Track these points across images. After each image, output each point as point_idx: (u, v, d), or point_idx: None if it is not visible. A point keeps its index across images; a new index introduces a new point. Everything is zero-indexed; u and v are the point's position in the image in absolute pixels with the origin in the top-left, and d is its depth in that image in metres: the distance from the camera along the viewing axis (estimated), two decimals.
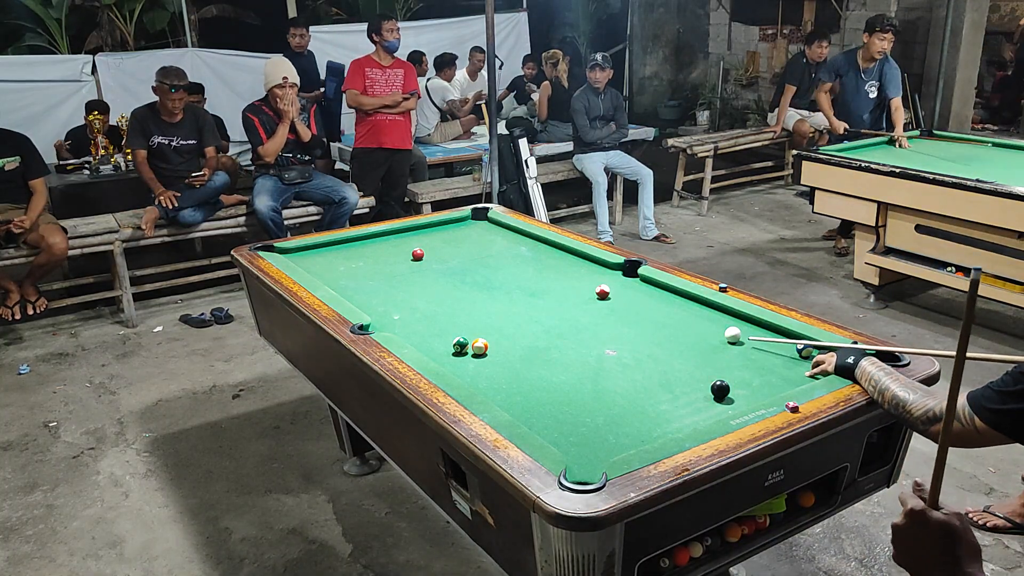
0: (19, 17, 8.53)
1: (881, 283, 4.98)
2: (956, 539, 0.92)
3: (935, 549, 0.92)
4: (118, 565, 2.87)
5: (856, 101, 5.90)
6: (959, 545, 0.92)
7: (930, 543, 0.93)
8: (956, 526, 0.92)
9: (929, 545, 0.93)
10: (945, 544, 0.92)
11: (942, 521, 0.93)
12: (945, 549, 0.92)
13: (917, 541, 0.95)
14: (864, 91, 5.87)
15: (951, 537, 0.92)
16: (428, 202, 6.12)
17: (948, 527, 0.93)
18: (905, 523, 0.96)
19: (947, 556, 0.91)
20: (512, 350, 2.40)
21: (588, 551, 1.61)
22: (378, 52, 5.80)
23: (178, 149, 5.06)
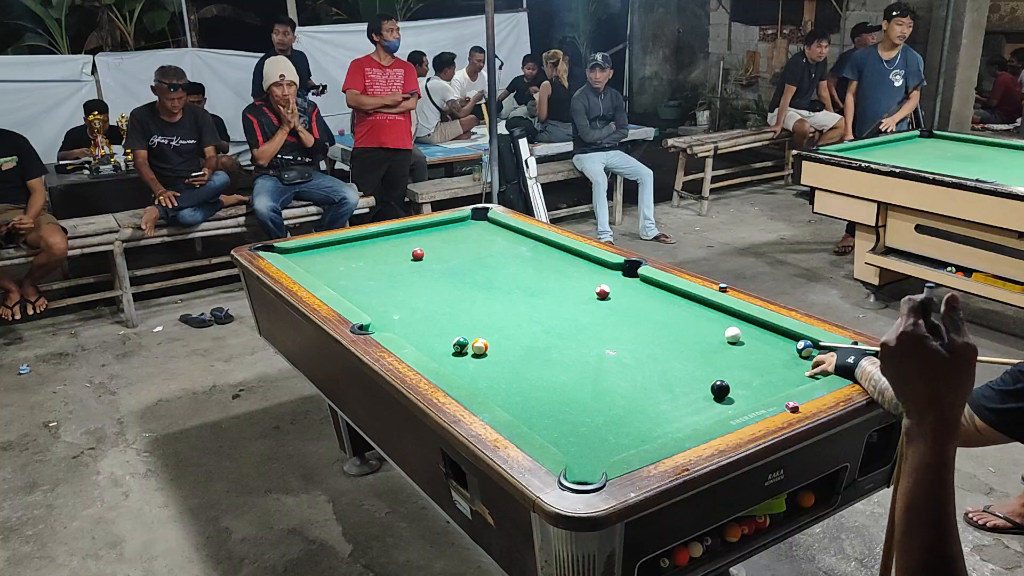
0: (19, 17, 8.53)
1: (881, 283, 4.98)
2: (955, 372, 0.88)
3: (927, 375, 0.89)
4: (118, 565, 2.87)
5: (881, 92, 5.86)
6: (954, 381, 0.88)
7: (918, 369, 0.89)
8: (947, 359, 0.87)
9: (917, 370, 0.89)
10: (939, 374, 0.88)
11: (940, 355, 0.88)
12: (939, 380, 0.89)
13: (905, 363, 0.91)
14: (889, 80, 5.83)
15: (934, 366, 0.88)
16: (428, 202, 6.12)
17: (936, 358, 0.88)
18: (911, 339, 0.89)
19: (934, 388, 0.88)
20: (512, 350, 2.40)
21: (588, 551, 1.61)
22: (378, 52, 5.80)
23: (178, 149, 5.06)
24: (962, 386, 0.89)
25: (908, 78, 5.87)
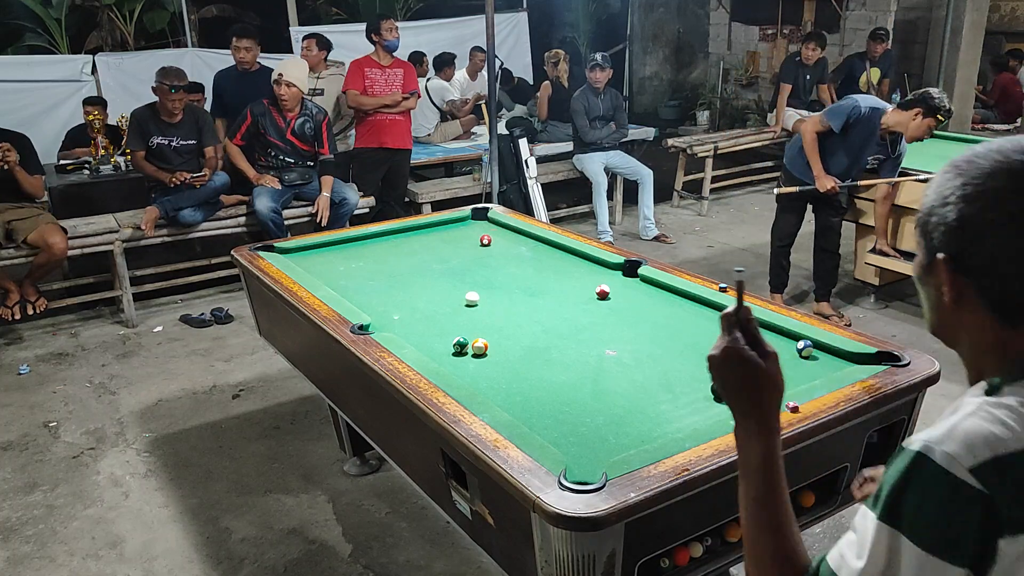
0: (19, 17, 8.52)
1: (881, 283, 4.98)
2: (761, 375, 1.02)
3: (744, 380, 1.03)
4: (118, 565, 2.87)
5: (847, 163, 4.51)
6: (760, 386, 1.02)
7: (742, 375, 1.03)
8: (760, 367, 1.02)
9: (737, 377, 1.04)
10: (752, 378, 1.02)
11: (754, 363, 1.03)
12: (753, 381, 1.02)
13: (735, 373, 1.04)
14: (864, 161, 4.54)
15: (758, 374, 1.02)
16: (428, 202, 6.12)
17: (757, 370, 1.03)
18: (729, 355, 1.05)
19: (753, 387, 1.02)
20: (512, 350, 2.40)
21: (588, 551, 1.61)
22: (377, 52, 5.80)
23: (178, 149, 5.05)
24: (777, 387, 1.02)
25: (884, 170, 4.55)
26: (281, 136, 5.21)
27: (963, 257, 0.94)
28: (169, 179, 4.91)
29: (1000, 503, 0.84)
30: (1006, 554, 0.84)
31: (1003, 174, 0.92)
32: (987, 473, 0.84)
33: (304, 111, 5.24)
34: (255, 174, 5.23)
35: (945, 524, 0.85)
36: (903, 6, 8.83)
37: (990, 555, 0.84)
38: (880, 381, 2.07)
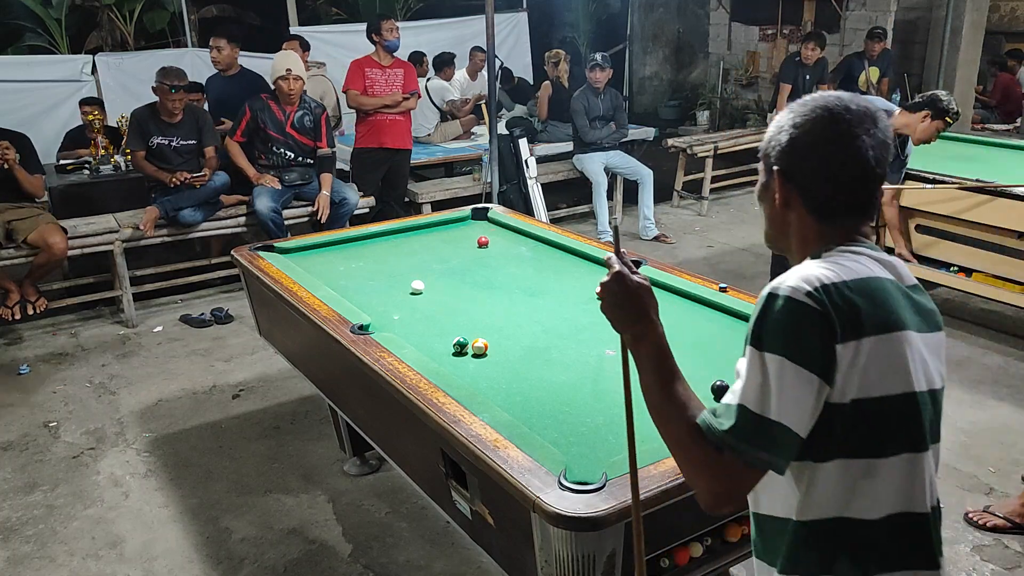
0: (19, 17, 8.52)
1: None
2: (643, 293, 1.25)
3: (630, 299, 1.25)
4: (118, 565, 2.87)
5: None
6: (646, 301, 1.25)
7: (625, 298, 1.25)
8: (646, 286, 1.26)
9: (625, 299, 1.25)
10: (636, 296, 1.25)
11: (638, 282, 1.25)
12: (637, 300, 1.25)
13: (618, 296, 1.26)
14: None
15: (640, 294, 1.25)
16: (428, 202, 6.12)
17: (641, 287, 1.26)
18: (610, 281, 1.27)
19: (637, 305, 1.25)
20: (512, 350, 2.40)
21: (588, 551, 1.61)
22: (378, 52, 5.80)
23: (178, 149, 5.05)
24: (654, 299, 1.27)
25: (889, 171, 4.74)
26: (280, 130, 5.21)
27: (791, 170, 1.26)
28: (169, 179, 4.91)
29: (833, 317, 1.10)
30: (843, 357, 1.11)
31: (821, 109, 1.23)
32: (821, 296, 1.11)
33: (303, 104, 5.24)
34: (255, 173, 5.23)
35: (795, 335, 1.10)
36: (903, 6, 8.83)
37: (831, 360, 1.10)
38: None
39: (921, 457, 1.18)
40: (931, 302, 1.27)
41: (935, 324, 1.25)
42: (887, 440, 1.15)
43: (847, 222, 1.25)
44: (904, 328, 1.16)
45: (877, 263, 1.21)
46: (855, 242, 1.23)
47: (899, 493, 1.17)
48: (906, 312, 1.19)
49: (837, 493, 1.15)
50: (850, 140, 1.20)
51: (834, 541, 1.16)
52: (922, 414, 1.17)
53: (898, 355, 1.15)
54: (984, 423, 3.63)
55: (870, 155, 1.20)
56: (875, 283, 1.17)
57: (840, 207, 1.24)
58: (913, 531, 1.18)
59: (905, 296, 1.21)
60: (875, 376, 1.13)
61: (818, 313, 1.10)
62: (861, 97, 1.25)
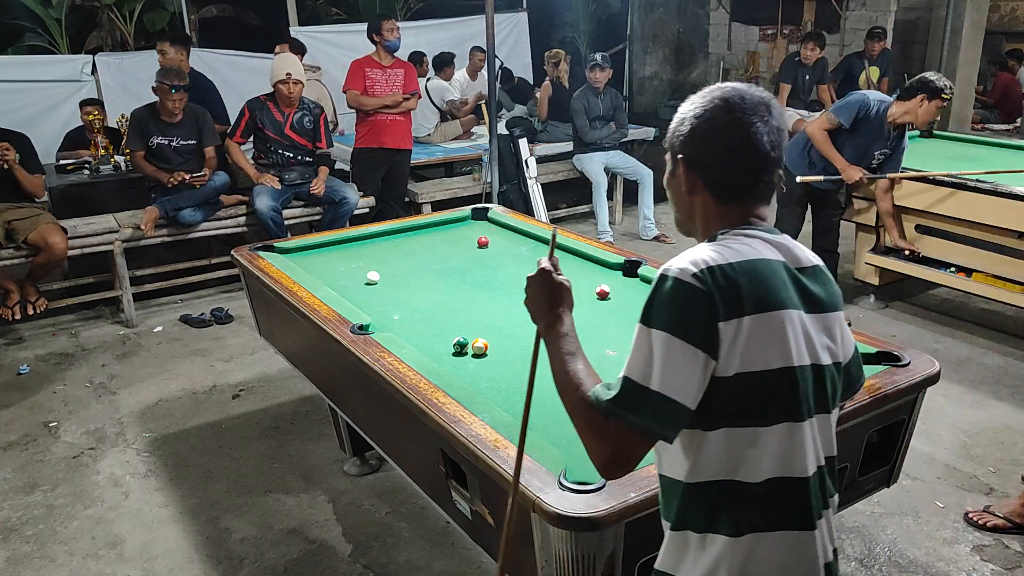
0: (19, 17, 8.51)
1: (881, 283, 4.98)
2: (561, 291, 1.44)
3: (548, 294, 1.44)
4: (118, 565, 2.87)
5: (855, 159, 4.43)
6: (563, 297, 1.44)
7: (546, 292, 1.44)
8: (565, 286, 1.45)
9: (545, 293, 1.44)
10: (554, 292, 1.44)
11: (559, 281, 1.44)
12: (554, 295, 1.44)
13: (540, 290, 1.45)
14: (872, 154, 4.45)
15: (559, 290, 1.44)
16: (428, 202, 6.12)
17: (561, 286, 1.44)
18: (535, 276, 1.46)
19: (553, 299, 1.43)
20: (512, 350, 2.40)
21: (588, 551, 1.61)
22: (378, 52, 5.80)
23: (178, 149, 5.05)
24: (570, 294, 1.46)
25: (886, 167, 4.49)
26: (279, 131, 5.21)
27: (693, 158, 1.33)
28: (167, 179, 4.91)
29: (716, 297, 1.19)
30: (725, 334, 1.19)
31: (718, 100, 1.31)
32: (705, 277, 1.20)
33: (302, 106, 5.24)
34: (255, 173, 5.23)
35: (680, 313, 1.20)
36: (903, 6, 8.83)
37: (715, 336, 1.19)
38: (880, 381, 2.07)
39: (800, 426, 1.26)
40: (827, 285, 1.35)
41: (828, 305, 1.33)
42: (768, 410, 1.24)
43: (745, 205, 1.34)
44: (785, 307, 1.24)
45: (769, 245, 1.30)
46: (751, 225, 1.32)
47: (778, 459, 1.24)
48: (790, 292, 1.27)
49: (723, 459, 1.24)
50: (746, 127, 1.28)
51: (717, 501, 1.25)
52: (799, 386, 1.25)
53: (778, 332, 1.23)
54: (984, 423, 3.63)
55: (765, 140, 1.29)
56: (760, 264, 1.25)
57: (738, 190, 1.33)
58: (791, 495, 1.26)
59: (793, 278, 1.29)
60: (756, 351, 1.21)
61: (702, 293, 1.19)
62: (757, 88, 1.35)
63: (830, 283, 1.36)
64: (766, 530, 1.25)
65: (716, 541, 1.26)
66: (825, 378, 1.30)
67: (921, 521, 2.98)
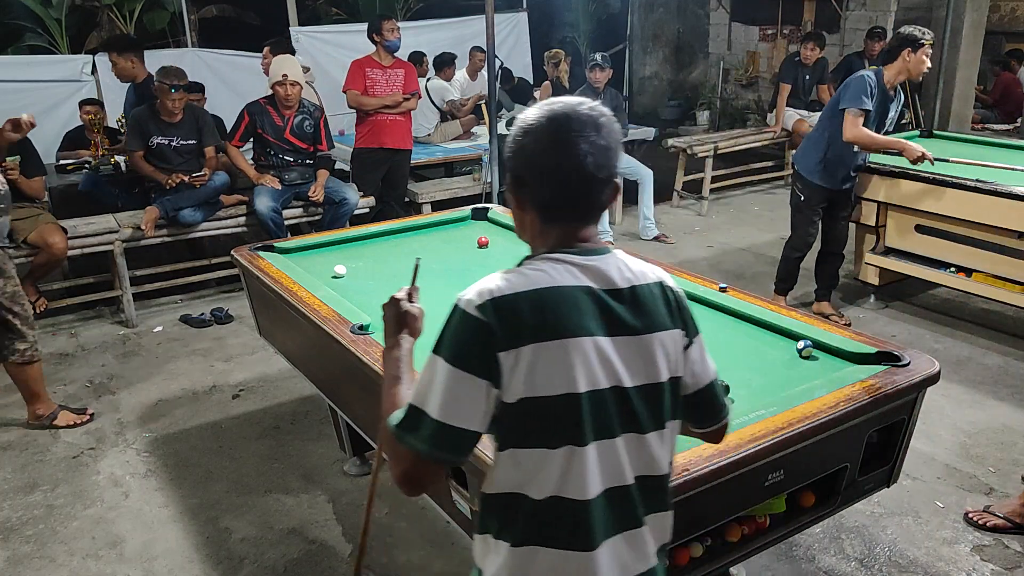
0: (19, 17, 8.51)
1: (881, 283, 4.98)
2: (407, 319, 1.56)
3: (395, 320, 1.56)
4: (118, 565, 2.87)
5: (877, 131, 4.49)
6: (408, 324, 1.56)
7: (393, 318, 1.56)
8: (412, 313, 1.57)
9: (392, 318, 1.56)
10: (400, 320, 1.55)
11: (406, 310, 1.56)
12: (399, 322, 1.55)
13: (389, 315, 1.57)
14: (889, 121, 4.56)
15: (405, 318, 1.56)
16: (428, 202, 6.12)
17: (408, 313, 1.56)
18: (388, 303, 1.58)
19: (398, 326, 1.55)
20: None
21: None
22: (378, 52, 5.80)
23: (178, 149, 5.05)
24: (416, 323, 1.57)
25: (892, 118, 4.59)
26: (279, 135, 5.21)
27: (520, 174, 1.34)
28: (166, 181, 4.90)
29: (495, 329, 1.23)
30: (505, 363, 1.23)
31: (546, 117, 1.31)
32: (487, 308, 1.24)
33: (302, 108, 5.24)
34: (255, 174, 5.23)
35: (461, 344, 1.25)
36: (903, 6, 8.83)
37: (495, 366, 1.23)
38: (880, 381, 2.07)
39: (582, 450, 1.26)
40: (646, 306, 1.32)
41: (641, 328, 1.31)
42: (552, 433, 1.26)
43: (571, 225, 1.34)
44: (574, 335, 1.24)
45: (576, 270, 1.29)
46: (566, 248, 1.32)
47: (559, 480, 1.27)
48: (584, 319, 1.26)
49: (513, 474, 1.29)
50: (568, 146, 1.28)
51: (506, 512, 1.32)
52: (582, 412, 1.25)
53: (560, 360, 1.24)
54: (984, 423, 3.63)
55: (588, 160, 1.28)
56: (552, 293, 1.26)
57: (560, 210, 1.33)
58: (569, 515, 1.28)
59: (597, 302, 1.28)
60: (538, 379, 1.23)
61: (483, 324, 1.23)
62: (592, 105, 1.34)
63: (652, 303, 1.34)
64: (543, 545, 1.29)
65: (503, 547, 1.31)
66: (632, 399, 1.29)
67: (921, 521, 2.98)
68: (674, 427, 1.38)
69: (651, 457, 1.33)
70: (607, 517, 1.30)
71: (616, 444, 1.29)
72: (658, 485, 1.36)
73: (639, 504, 1.33)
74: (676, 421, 1.38)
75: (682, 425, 1.42)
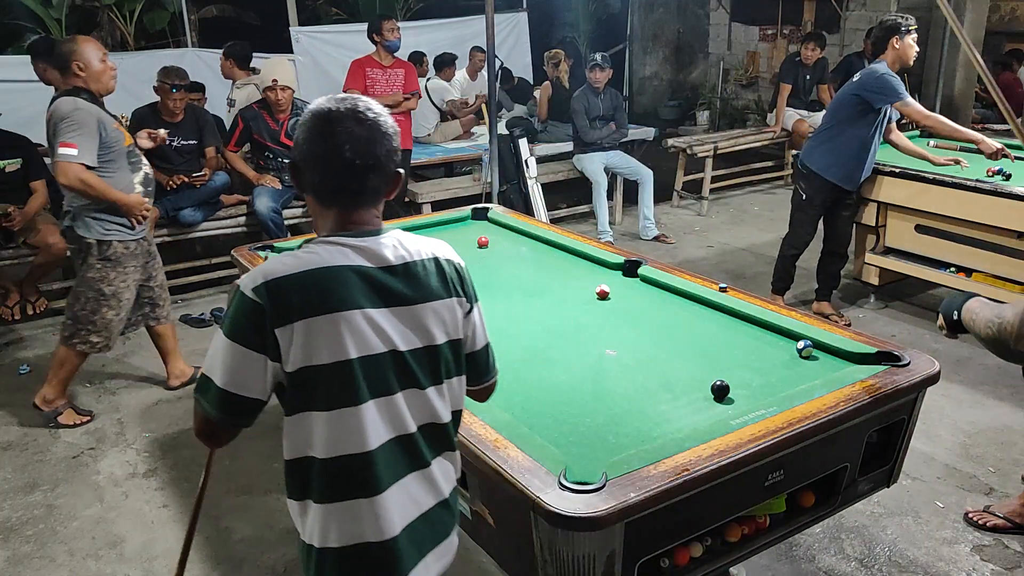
0: (19, 17, 8.51)
1: (881, 283, 4.98)
2: None
3: None
4: (118, 565, 2.87)
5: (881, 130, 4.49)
6: None
7: None
8: None
9: None
10: None
11: None
12: None
13: None
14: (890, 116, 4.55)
15: None
16: (428, 202, 6.12)
17: None
18: None
19: None
20: (512, 350, 2.40)
21: (588, 551, 1.61)
22: (378, 52, 5.80)
23: (179, 149, 5.05)
24: None
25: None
26: (275, 139, 5.21)
27: (295, 165, 1.49)
28: (167, 182, 4.90)
29: (266, 308, 1.38)
30: (282, 337, 1.39)
31: (313, 111, 1.48)
32: (260, 291, 1.39)
33: (295, 111, 5.24)
34: (255, 174, 5.23)
35: (239, 323, 1.41)
36: (903, 6, 8.83)
37: (272, 341, 1.39)
38: (880, 381, 2.07)
39: (355, 409, 1.43)
40: (418, 279, 1.50)
41: (415, 298, 1.49)
42: (329, 397, 1.43)
43: (343, 209, 1.50)
44: (343, 309, 1.41)
45: (348, 251, 1.46)
46: (343, 231, 1.49)
47: (340, 439, 1.44)
48: (354, 294, 1.43)
49: (300, 439, 1.48)
50: (328, 137, 1.44)
51: (304, 474, 1.49)
52: (355, 375, 1.42)
53: (330, 331, 1.40)
54: (984, 423, 3.63)
55: (345, 148, 1.43)
56: (322, 272, 1.42)
57: (330, 196, 1.49)
58: (356, 468, 1.45)
59: (368, 279, 1.45)
60: (311, 349, 1.40)
61: (257, 305, 1.39)
62: (357, 100, 1.48)
63: (425, 277, 1.52)
64: (337, 499, 1.46)
65: (309, 507, 1.48)
66: (408, 361, 1.47)
67: (921, 521, 2.98)
68: (458, 382, 1.58)
69: (432, 409, 1.52)
70: (395, 462, 1.48)
71: (396, 399, 1.47)
72: (442, 432, 1.55)
73: (425, 448, 1.52)
74: (460, 377, 1.58)
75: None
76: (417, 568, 1.53)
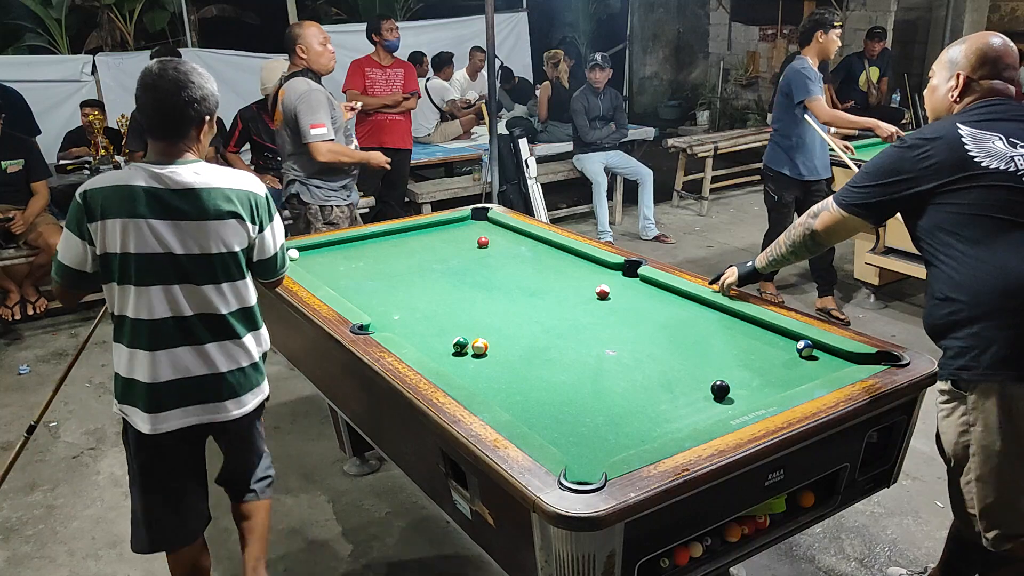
0: (19, 17, 8.51)
1: (881, 283, 4.98)
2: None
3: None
4: (118, 565, 2.87)
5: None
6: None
7: None
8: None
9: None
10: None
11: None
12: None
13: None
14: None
15: None
16: (428, 202, 6.12)
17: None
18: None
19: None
20: (512, 350, 2.39)
21: (588, 551, 1.61)
22: (378, 52, 5.80)
23: None
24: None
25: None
26: (274, 140, 5.20)
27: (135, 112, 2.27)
28: None
29: (83, 209, 2.03)
30: (95, 231, 2.04)
31: (140, 74, 2.07)
32: (84, 195, 2.03)
33: None
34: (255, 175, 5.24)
35: (72, 217, 2.05)
36: (903, 6, 8.83)
37: (87, 232, 2.04)
38: (880, 381, 2.07)
39: (145, 289, 2.07)
40: (199, 201, 2.06)
41: (192, 215, 2.06)
42: (122, 276, 2.06)
43: (157, 142, 2.09)
44: (131, 216, 2.01)
45: (145, 174, 2.04)
46: (152, 160, 2.07)
47: (132, 305, 2.08)
48: (141, 206, 2.01)
49: (115, 301, 2.11)
50: (146, 88, 2.05)
51: (120, 326, 2.13)
52: (139, 265, 2.04)
53: (119, 231, 2.01)
54: None
55: (154, 96, 2.03)
56: (121, 188, 2.02)
57: (148, 130, 2.12)
58: (147, 329, 2.09)
59: (155, 197, 2.03)
60: (108, 242, 2.03)
61: (79, 205, 2.02)
62: (171, 62, 2.06)
63: (210, 200, 2.07)
64: (129, 346, 2.12)
65: (121, 349, 2.14)
66: (184, 263, 2.07)
67: (921, 521, 2.98)
68: (241, 284, 2.22)
69: (208, 301, 2.13)
70: (172, 334, 2.11)
71: (174, 289, 2.08)
72: (220, 321, 2.17)
73: (201, 331, 2.14)
74: (242, 280, 2.21)
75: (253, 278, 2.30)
76: (176, 411, 2.17)
